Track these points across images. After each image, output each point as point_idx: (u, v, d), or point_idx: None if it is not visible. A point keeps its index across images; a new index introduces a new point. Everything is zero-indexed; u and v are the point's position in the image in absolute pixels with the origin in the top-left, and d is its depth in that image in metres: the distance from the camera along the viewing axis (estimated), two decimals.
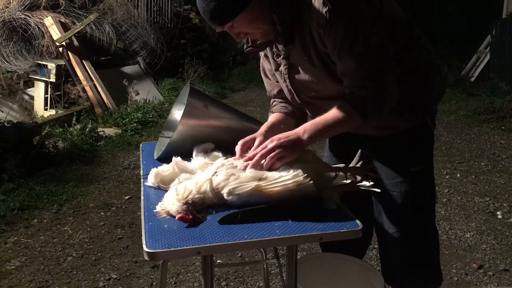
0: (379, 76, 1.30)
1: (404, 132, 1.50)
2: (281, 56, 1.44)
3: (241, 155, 1.38)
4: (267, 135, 1.43)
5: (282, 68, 1.46)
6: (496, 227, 2.98)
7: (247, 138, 1.42)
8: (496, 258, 2.63)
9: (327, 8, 1.23)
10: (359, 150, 1.41)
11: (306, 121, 1.63)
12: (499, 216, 3.13)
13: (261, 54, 1.56)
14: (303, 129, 1.33)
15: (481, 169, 4.03)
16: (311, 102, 1.49)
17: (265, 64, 1.58)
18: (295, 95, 1.49)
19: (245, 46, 1.45)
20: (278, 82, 1.56)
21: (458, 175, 3.86)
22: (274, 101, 1.62)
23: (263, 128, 1.48)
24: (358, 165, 1.37)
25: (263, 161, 1.29)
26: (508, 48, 6.26)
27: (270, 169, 1.28)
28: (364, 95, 1.30)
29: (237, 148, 1.39)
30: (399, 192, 1.53)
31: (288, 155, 1.29)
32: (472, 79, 7.30)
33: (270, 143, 1.29)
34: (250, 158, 1.31)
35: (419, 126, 1.52)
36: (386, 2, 1.34)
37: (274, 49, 1.45)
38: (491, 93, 6.33)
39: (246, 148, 1.40)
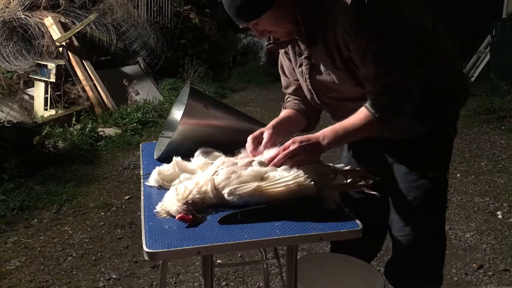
0: (401, 83, 1.29)
1: (422, 137, 1.49)
2: (303, 56, 1.43)
3: (253, 150, 1.39)
4: (276, 129, 1.44)
5: (303, 67, 1.46)
6: (496, 227, 2.98)
7: (257, 132, 1.43)
8: (496, 258, 2.63)
9: (353, 13, 1.23)
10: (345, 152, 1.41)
11: (317, 122, 1.63)
12: (499, 216, 3.13)
13: (281, 51, 1.55)
14: (323, 135, 1.33)
15: (481, 169, 4.03)
16: (331, 103, 1.49)
17: (284, 61, 1.58)
18: (314, 95, 1.49)
19: (266, 43, 1.44)
20: (295, 80, 1.56)
21: (458, 175, 3.86)
22: (289, 97, 1.62)
23: (273, 122, 1.48)
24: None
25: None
26: (508, 48, 6.26)
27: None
28: (384, 103, 1.30)
29: (248, 143, 1.40)
30: (413, 197, 1.53)
31: (308, 158, 1.30)
32: (472, 79, 7.30)
33: (292, 145, 1.29)
34: (272, 158, 1.30)
35: (437, 132, 1.51)
36: (412, 7, 1.32)
37: (296, 48, 1.45)
38: (491, 93, 6.33)
39: (256, 142, 1.40)
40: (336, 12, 1.27)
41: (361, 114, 1.32)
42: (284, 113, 1.58)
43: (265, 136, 1.41)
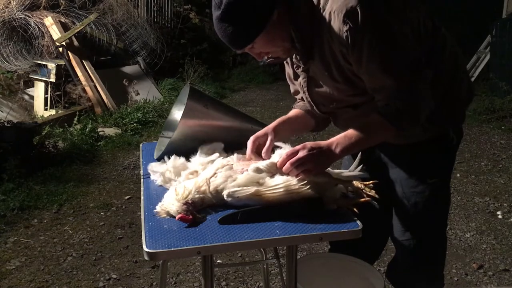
0: (412, 88, 1.25)
1: (424, 142, 1.46)
2: (301, 69, 1.42)
3: (252, 153, 1.38)
4: (279, 130, 1.44)
5: (301, 80, 1.45)
6: (496, 227, 2.98)
7: (260, 133, 1.42)
8: (496, 258, 2.63)
9: (348, 26, 1.20)
10: (359, 153, 1.36)
11: (326, 125, 1.61)
12: (499, 216, 3.13)
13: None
14: (336, 142, 1.27)
15: (481, 169, 4.03)
16: (332, 111, 1.48)
17: (289, 70, 1.56)
18: (314, 106, 1.49)
19: (265, 57, 1.40)
20: None
21: (458, 175, 3.86)
22: (299, 100, 1.61)
23: (276, 122, 1.47)
24: (358, 169, 1.35)
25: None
26: (508, 48, 6.26)
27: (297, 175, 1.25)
28: (399, 107, 1.24)
29: (249, 144, 1.39)
30: (414, 203, 1.52)
31: (315, 166, 1.24)
32: (472, 79, 7.29)
33: (301, 151, 1.23)
34: (281, 164, 1.26)
35: (439, 137, 1.48)
36: (412, 8, 1.30)
37: (294, 60, 1.44)
38: (491, 93, 6.33)
39: (257, 143, 1.40)
40: (329, 26, 1.25)
41: (375, 119, 1.27)
42: (292, 112, 1.57)
43: (268, 142, 1.39)
